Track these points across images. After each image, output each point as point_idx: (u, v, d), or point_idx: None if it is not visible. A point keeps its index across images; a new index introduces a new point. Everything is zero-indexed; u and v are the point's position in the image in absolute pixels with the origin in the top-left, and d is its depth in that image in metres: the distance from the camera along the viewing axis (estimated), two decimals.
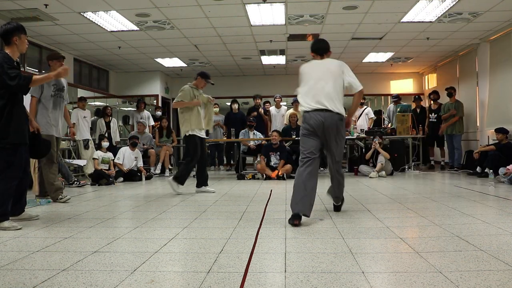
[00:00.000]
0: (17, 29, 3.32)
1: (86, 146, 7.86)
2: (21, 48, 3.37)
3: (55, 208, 4.30)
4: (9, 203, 3.23)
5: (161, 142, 8.80)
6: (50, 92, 4.65)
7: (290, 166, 7.26)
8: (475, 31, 7.86)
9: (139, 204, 4.49)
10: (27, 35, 3.40)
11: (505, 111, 7.56)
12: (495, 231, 2.85)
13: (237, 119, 9.25)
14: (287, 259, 2.25)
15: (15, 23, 3.38)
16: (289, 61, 10.56)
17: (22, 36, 3.33)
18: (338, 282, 1.87)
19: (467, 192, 5.04)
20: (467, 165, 7.97)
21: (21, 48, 3.36)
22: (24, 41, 3.36)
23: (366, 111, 10.16)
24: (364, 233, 2.90)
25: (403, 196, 4.79)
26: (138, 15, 6.71)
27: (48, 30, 7.39)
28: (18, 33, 3.31)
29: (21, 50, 3.37)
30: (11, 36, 3.29)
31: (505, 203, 4.15)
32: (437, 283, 1.84)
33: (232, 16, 6.88)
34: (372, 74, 12.02)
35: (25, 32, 3.39)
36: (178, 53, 9.46)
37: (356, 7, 6.50)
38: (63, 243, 2.71)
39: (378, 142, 7.47)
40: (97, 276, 2.02)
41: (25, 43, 3.38)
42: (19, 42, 3.32)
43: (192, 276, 2.02)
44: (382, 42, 8.63)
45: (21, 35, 3.33)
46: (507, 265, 2.07)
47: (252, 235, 2.85)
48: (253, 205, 4.29)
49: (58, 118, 4.72)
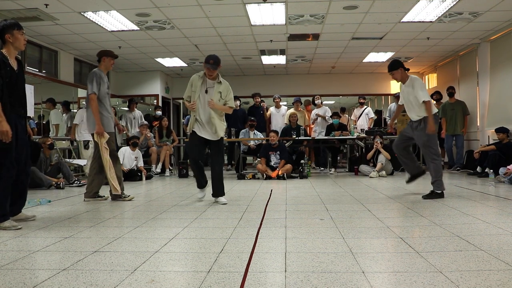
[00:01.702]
0: (8, 26, 3.22)
1: (86, 146, 7.87)
2: (17, 45, 3.26)
3: (55, 207, 4.30)
4: (6, 203, 3.20)
5: (161, 142, 8.80)
6: (105, 89, 4.67)
7: (290, 166, 7.27)
8: (475, 31, 7.86)
9: (139, 204, 4.49)
10: (22, 30, 3.26)
11: (505, 111, 7.56)
12: (495, 231, 2.85)
13: (238, 116, 9.21)
14: (288, 259, 2.25)
15: (7, 20, 3.27)
16: (289, 61, 10.55)
17: (14, 33, 3.22)
18: (338, 282, 1.87)
19: (468, 192, 5.04)
20: (468, 165, 7.97)
21: (16, 45, 3.26)
22: (17, 37, 3.24)
23: (366, 111, 10.17)
24: (364, 232, 2.90)
25: (403, 196, 4.79)
26: (139, 15, 6.71)
27: (48, 30, 7.39)
28: (10, 30, 3.21)
29: (17, 47, 3.27)
30: (3, 34, 3.21)
31: (506, 203, 4.15)
32: (437, 282, 1.84)
33: (232, 16, 6.88)
34: (372, 74, 12.02)
35: (19, 28, 3.25)
36: (179, 53, 9.46)
37: (356, 7, 6.49)
38: (64, 243, 2.71)
39: (380, 142, 7.47)
40: (98, 275, 2.02)
41: (19, 39, 3.26)
42: (13, 39, 3.22)
43: (192, 276, 2.02)
44: (382, 42, 8.63)
45: (13, 32, 3.22)
46: (507, 265, 2.07)
47: (252, 235, 2.85)
48: (254, 205, 4.29)
49: (112, 115, 4.80)
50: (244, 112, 9.49)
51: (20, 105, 3.33)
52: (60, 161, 6.81)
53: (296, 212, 3.82)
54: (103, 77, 4.65)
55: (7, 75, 3.16)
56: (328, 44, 8.79)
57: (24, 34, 3.33)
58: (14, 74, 3.24)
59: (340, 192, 5.20)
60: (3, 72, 3.13)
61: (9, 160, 3.19)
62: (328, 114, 9.08)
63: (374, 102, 14.71)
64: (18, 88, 3.30)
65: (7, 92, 3.17)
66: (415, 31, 7.86)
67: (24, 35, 3.33)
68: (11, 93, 3.21)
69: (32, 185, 6.12)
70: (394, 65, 4.75)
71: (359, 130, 8.94)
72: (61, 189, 6.08)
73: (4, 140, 3.07)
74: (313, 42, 8.63)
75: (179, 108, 13.28)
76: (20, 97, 3.33)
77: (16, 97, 3.28)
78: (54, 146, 6.88)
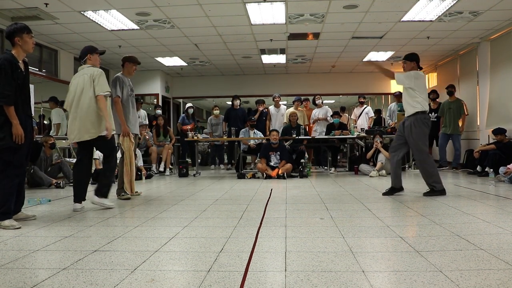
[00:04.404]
0: (19, 29, 3.35)
1: None
2: (26, 48, 3.39)
3: (55, 207, 4.30)
4: (11, 201, 3.27)
5: (159, 141, 8.80)
6: (127, 92, 4.89)
7: (290, 165, 7.26)
8: (475, 30, 7.85)
9: (139, 203, 4.49)
10: (31, 33, 3.40)
11: (505, 110, 7.55)
12: (495, 230, 2.85)
13: (238, 116, 9.21)
14: (288, 258, 2.26)
15: (18, 24, 3.40)
16: (290, 60, 10.55)
17: (24, 36, 3.35)
18: (338, 281, 1.87)
19: (468, 191, 5.04)
20: (468, 164, 7.97)
21: (25, 48, 3.38)
22: (27, 40, 3.37)
23: (366, 110, 10.16)
24: (364, 232, 2.90)
25: (403, 195, 4.78)
26: (139, 14, 6.70)
27: (48, 29, 7.39)
28: (19, 34, 3.34)
29: (25, 50, 3.39)
30: (13, 37, 3.34)
31: (505, 202, 4.15)
32: (437, 282, 1.84)
33: (232, 15, 6.87)
34: (372, 73, 12.01)
35: (29, 31, 3.39)
36: (179, 52, 9.46)
37: (356, 6, 6.49)
38: (64, 242, 2.71)
39: (379, 141, 7.47)
40: (98, 275, 2.02)
41: (28, 42, 3.39)
42: (22, 42, 3.35)
43: (192, 275, 2.02)
44: (382, 41, 8.62)
45: (22, 35, 3.35)
46: (507, 264, 2.07)
47: (252, 234, 2.85)
48: (254, 204, 4.29)
49: (136, 117, 5.05)
50: (244, 112, 9.47)
51: (27, 105, 3.45)
52: (62, 161, 6.81)
53: (296, 211, 3.82)
54: (125, 82, 4.91)
55: (19, 77, 3.29)
56: (328, 43, 8.79)
57: (33, 37, 3.44)
58: (22, 75, 3.36)
59: (340, 192, 5.20)
60: (15, 75, 3.26)
61: (17, 159, 3.29)
62: (329, 114, 9.07)
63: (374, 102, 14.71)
64: (25, 89, 3.43)
65: (18, 94, 3.30)
66: (415, 30, 7.86)
67: (33, 39, 3.45)
68: (20, 94, 3.34)
69: (33, 184, 6.14)
70: (412, 56, 4.82)
71: (359, 130, 8.93)
72: (61, 188, 6.09)
73: (18, 142, 3.23)
74: (313, 41, 8.63)
75: (179, 107, 13.29)
76: (26, 97, 3.45)
77: (24, 98, 3.40)
78: (55, 146, 6.89)
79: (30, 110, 3.50)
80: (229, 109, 9.47)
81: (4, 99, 3.17)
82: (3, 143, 3.20)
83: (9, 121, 3.21)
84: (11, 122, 3.22)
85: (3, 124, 3.22)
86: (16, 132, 3.22)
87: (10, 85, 3.20)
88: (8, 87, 3.18)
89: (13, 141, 3.22)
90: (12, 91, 3.21)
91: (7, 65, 3.21)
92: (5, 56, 3.28)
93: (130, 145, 4.84)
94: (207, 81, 12.54)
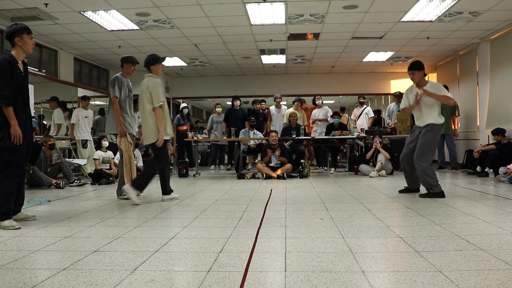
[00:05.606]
0: (19, 30, 3.34)
1: (85, 145, 7.89)
2: (25, 49, 3.38)
3: (55, 207, 4.30)
4: (11, 201, 3.27)
5: None
6: (125, 93, 4.92)
7: (290, 165, 7.26)
8: (475, 31, 7.86)
9: (139, 203, 4.49)
10: (31, 34, 3.39)
11: (505, 110, 7.56)
12: (495, 231, 2.85)
13: (238, 116, 9.20)
14: (287, 259, 2.25)
15: (18, 24, 3.39)
16: (289, 61, 10.55)
17: (24, 37, 3.34)
18: (338, 281, 1.87)
19: (467, 191, 5.04)
20: (467, 164, 7.96)
21: (25, 48, 3.38)
22: (26, 41, 3.36)
23: (366, 111, 10.16)
24: (364, 232, 2.90)
25: (403, 195, 4.78)
26: (138, 14, 6.71)
27: (48, 29, 7.39)
28: (19, 34, 3.33)
29: (25, 50, 3.39)
30: (13, 37, 3.33)
31: (505, 202, 4.15)
32: (437, 282, 1.84)
33: (232, 16, 6.88)
34: (372, 74, 12.02)
35: (29, 32, 3.38)
36: (178, 52, 9.46)
37: (356, 7, 6.50)
38: (63, 242, 2.71)
39: (379, 142, 7.47)
40: (97, 275, 2.02)
41: (28, 43, 3.38)
42: (22, 43, 3.34)
43: (192, 275, 2.02)
44: (382, 42, 8.63)
45: (22, 36, 3.34)
46: (507, 264, 2.07)
47: (252, 235, 2.85)
48: (253, 204, 4.29)
49: (133, 118, 5.06)
50: (244, 112, 9.47)
51: (26, 105, 3.45)
52: (62, 161, 6.81)
53: (296, 211, 3.82)
54: (124, 82, 4.93)
55: (18, 78, 3.29)
56: (328, 43, 8.79)
57: (33, 38, 3.44)
58: (21, 76, 3.36)
59: (340, 192, 5.20)
60: (14, 76, 3.26)
61: (17, 159, 3.30)
62: (329, 115, 9.07)
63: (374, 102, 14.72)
64: (25, 90, 3.43)
65: (17, 94, 3.29)
66: (415, 31, 7.87)
67: (32, 39, 3.44)
68: (19, 95, 3.34)
69: (32, 184, 6.14)
70: (419, 65, 4.69)
71: (359, 130, 8.93)
72: (61, 188, 6.09)
73: (16, 142, 3.23)
74: (313, 41, 8.63)
75: (179, 108, 13.26)
76: (26, 98, 3.45)
77: (23, 99, 3.41)
78: (55, 146, 6.89)
79: (30, 111, 3.50)
80: (229, 109, 9.47)
81: (3, 99, 3.17)
82: (2, 143, 3.20)
83: (8, 121, 3.21)
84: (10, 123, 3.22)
85: (2, 125, 3.22)
86: (14, 133, 3.22)
87: (9, 85, 3.20)
88: (7, 87, 3.18)
89: (11, 142, 3.22)
90: (11, 92, 3.21)
91: (6, 66, 3.21)
92: (4, 57, 3.28)
93: (128, 145, 4.85)
94: (207, 82, 12.55)
